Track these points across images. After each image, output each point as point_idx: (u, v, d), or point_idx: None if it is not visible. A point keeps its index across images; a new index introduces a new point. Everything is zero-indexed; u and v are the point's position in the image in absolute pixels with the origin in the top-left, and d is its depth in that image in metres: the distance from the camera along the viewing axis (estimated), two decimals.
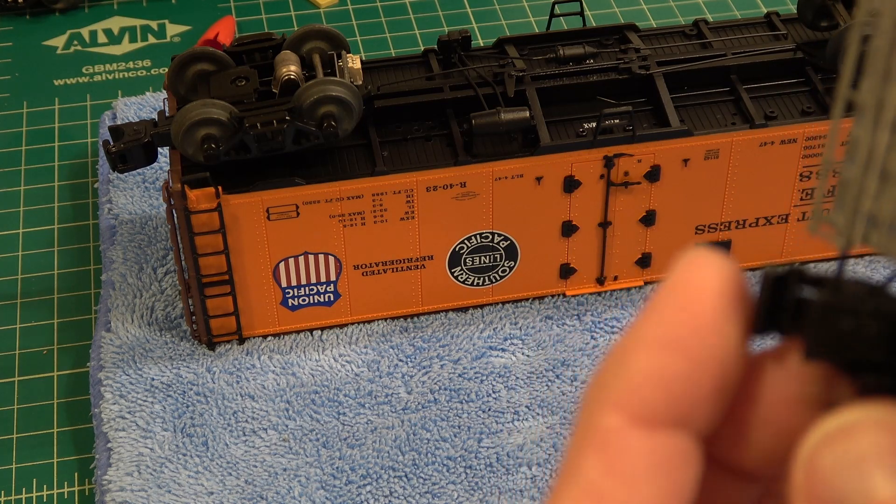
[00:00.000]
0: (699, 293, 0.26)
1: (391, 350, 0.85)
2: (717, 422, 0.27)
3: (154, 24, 1.17)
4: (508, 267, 0.86)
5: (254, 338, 0.85)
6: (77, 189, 1.00)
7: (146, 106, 1.04)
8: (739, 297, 0.26)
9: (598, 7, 1.18)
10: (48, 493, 0.79)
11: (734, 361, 0.26)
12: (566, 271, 0.87)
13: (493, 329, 0.86)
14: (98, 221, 0.95)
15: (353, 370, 0.84)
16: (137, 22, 1.18)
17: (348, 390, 0.82)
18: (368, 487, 0.77)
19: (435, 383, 0.83)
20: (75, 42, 1.16)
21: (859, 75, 0.27)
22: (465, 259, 0.85)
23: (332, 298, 0.85)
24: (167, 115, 0.81)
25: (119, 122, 0.95)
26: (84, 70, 1.12)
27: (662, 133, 0.81)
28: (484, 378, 0.83)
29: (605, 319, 0.87)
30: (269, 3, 1.20)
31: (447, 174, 0.80)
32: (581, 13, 0.91)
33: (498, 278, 0.86)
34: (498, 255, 0.85)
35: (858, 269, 0.89)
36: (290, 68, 0.79)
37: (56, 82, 1.11)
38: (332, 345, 0.85)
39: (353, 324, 0.86)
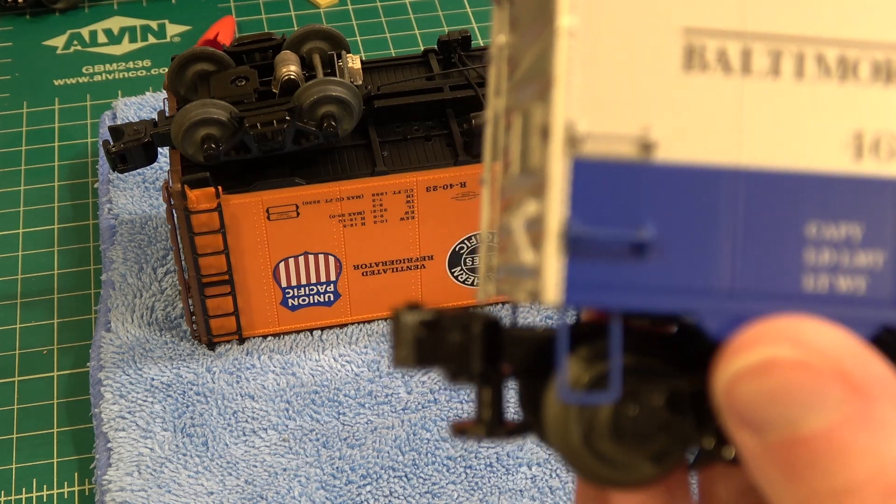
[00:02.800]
0: None
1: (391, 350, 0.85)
2: None
3: (154, 24, 1.17)
4: None
5: (254, 338, 0.85)
6: (77, 189, 1.00)
7: (146, 106, 1.04)
8: None
9: None
10: (48, 493, 0.79)
11: None
12: None
13: None
14: (98, 221, 0.95)
15: (353, 370, 0.84)
16: (137, 22, 1.18)
17: (348, 390, 0.82)
18: (368, 487, 0.77)
19: (435, 383, 0.83)
20: (75, 42, 1.16)
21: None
22: (465, 259, 0.85)
23: (332, 298, 0.85)
24: (167, 115, 0.81)
25: (119, 122, 0.95)
26: (84, 70, 1.12)
27: None
28: None
29: None
30: (269, 3, 1.20)
31: (447, 174, 0.80)
32: None
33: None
34: None
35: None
36: (290, 68, 0.79)
37: (56, 82, 1.11)
38: (332, 345, 0.85)
39: (353, 324, 0.86)
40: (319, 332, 0.86)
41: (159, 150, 0.82)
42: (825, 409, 0.27)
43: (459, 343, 0.31)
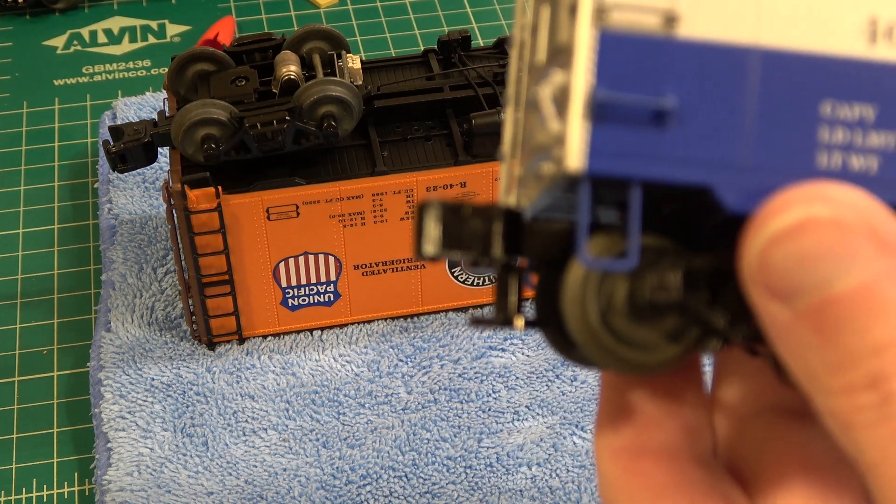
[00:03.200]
0: None
1: (391, 350, 0.85)
2: None
3: (154, 24, 1.17)
4: None
5: (254, 338, 0.85)
6: (77, 189, 1.00)
7: (146, 106, 1.04)
8: None
9: None
10: (48, 493, 0.79)
11: None
12: None
13: (494, 329, 0.86)
14: (98, 221, 0.96)
15: (353, 370, 0.84)
16: (137, 22, 1.18)
17: (348, 390, 0.82)
18: (368, 487, 0.77)
19: (435, 383, 0.83)
20: (75, 42, 1.16)
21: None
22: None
23: (332, 298, 0.85)
24: (167, 115, 0.81)
25: (119, 122, 0.95)
26: (84, 70, 1.12)
27: None
28: (484, 378, 0.83)
29: None
30: (269, 3, 1.20)
31: (447, 174, 0.80)
32: None
33: None
34: None
35: None
36: (290, 68, 0.79)
37: (56, 82, 1.11)
38: (332, 345, 0.85)
39: (353, 324, 0.86)
40: (319, 332, 0.86)
41: (159, 150, 0.82)
42: (859, 267, 0.28)
43: (482, 230, 0.32)
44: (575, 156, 0.29)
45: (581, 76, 0.29)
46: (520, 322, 0.34)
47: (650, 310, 0.31)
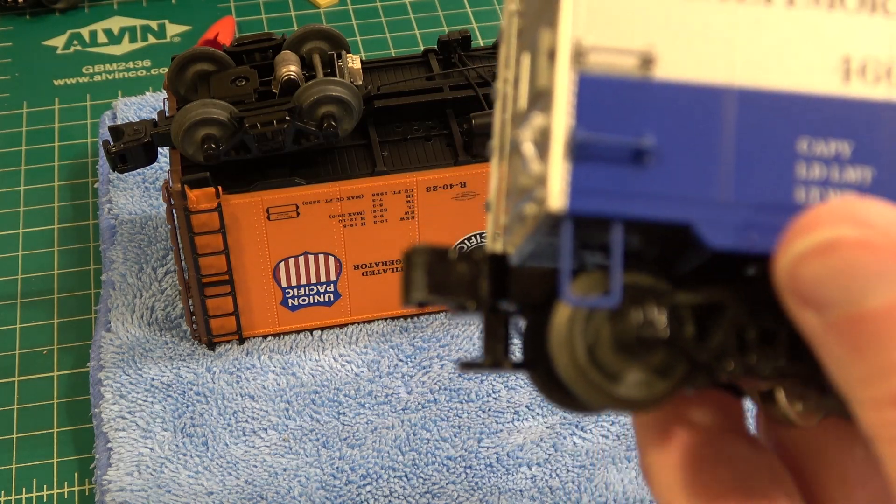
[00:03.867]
0: None
1: (391, 350, 0.85)
2: None
3: (154, 24, 1.17)
4: None
5: (254, 338, 0.85)
6: (77, 189, 1.00)
7: (146, 106, 1.04)
8: None
9: None
10: (48, 493, 0.79)
11: None
12: None
13: None
14: (98, 221, 0.95)
15: (353, 370, 0.84)
16: (137, 22, 1.18)
17: (348, 390, 0.82)
18: (368, 487, 0.77)
19: (435, 383, 0.83)
20: (75, 42, 1.16)
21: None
22: None
23: (332, 298, 0.85)
24: (167, 115, 0.81)
25: (119, 122, 0.95)
26: (84, 70, 1.12)
27: None
28: (484, 378, 0.83)
29: None
30: (269, 3, 1.20)
31: (447, 174, 0.80)
32: None
33: None
34: None
35: None
36: (290, 68, 0.79)
37: (56, 82, 1.11)
38: (332, 345, 0.85)
39: (353, 324, 0.86)
40: (319, 332, 0.86)
41: (159, 150, 0.82)
42: (887, 287, 0.28)
43: (468, 275, 0.33)
44: (556, 196, 0.30)
45: (561, 118, 0.30)
46: (508, 365, 0.34)
47: (637, 346, 0.31)
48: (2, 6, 1.18)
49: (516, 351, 0.34)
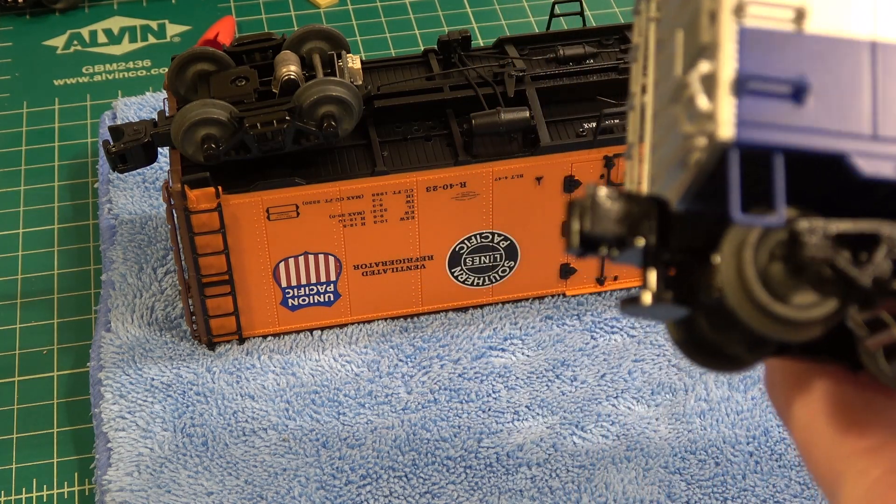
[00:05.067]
0: None
1: (391, 350, 0.85)
2: None
3: (154, 24, 1.17)
4: (508, 267, 0.86)
5: (254, 338, 0.85)
6: (77, 189, 1.00)
7: (146, 106, 1.04)
8: None
9: (598, 7, 1.18)
10: (48, 493, 0.79)
11: None
12: (566, 271, 0.87)
13: (493, 329, 0.86)
14: (98, 221, 0.96)
15: (353, 370, 0.84)
16: (137, 22, 1.18)
17: (348, 390, 0.82)
18: (368, 487, 0.77)
19: (435, 383, 0.83)
20: (75, 42, 1.16)
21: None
22: (465, 259, 0.85)
23: (332, 298, 0.85)
24: (167, 115, 0.81)
25: (119, 122, 0.95)
26: (84, 70, 1.12)
27: None
28: (484, 378, 0.83)
29: (605, 319, 0.87)
30: (269, 3, 1.20)
31: (447, 174, 0.80)
32: (581, 13, 0.91)
33: (498, 278, 0.86)
34: (498, 255, 0.85)
35: None
36: (290, 68, 0.79)
37: (56, 82, 1.11)
38: (332, 345, 0.85)
39: (353, 324, 0.86)
40: (319, 332, 0.86)
41: (159, 150, 0.82)
42: None
43: (637, 213, 0.36)
44: (726, 127, 0.33)
45: (727, 60, 0.34)
46: (667, 295, 0.37)
47: (807, 265, 0.34)
48: (2, 6, 1.18)
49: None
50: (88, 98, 1.09)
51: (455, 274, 0.85)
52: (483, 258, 0.85)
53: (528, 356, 0.85)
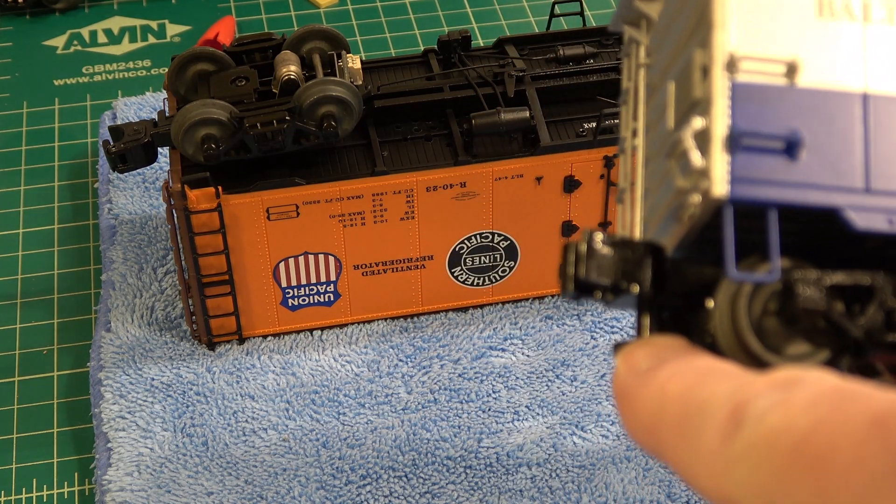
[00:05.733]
0: None
1: (391, 350, 0.85)
2: None
3: (154, 24, 1.17)
4: (508, 267, 0.86)
5: (254, 338, 0.85)
6: (77, 189, 1.00)
7: (146, 106, 1.04)
8: None
9: (598, 7, 1.18)
10: (48, 493, 0.79)
11: None
12: None
13: (493, 329, 0.86)
14: (98, 221, 0.96)
15: (353, 370, 0.84)
16: (137, 22, 1.18)
17: (348, 390, 0.82)
18: (368, 487, 0.77)
19: (435, 383, 0.83)
20: (75, 42, 1.16)
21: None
22: (465, 259, 0.85)
23: (332, 298, 0.85)
24: (167, 115, 0.81)
25: (119, 122, 0.95)
26: (84, 70, 1.12)
27: None
28: (484, 378, 0.83)
29: (605, 319, 0.87)
30: (269, 3, 1.20)
31: (447, 174, 0.80)
32: (581, 13, 0.91)
33: (498, 278, 0.86)
34: (498, 255, 0.85)
35: None
36: (290, 68, 0.79)
37: (56, 82, 1.11)
38: (332, 345, 0.85)
39: (353, 324, 0.86)
40: (319, 332, 0.86)
41: (159, 150, 0.82)
42: None
43: (631, 259, 0.37)
44: (719, 183, 0.33)
45: (720, 116, 0.34)
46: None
47: (800, 317, 0.34)
48: (2, 6, 1.18)
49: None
50: (88, 98, 1.09)
51: (455, 274, 0.85)
52: (483, 258, 0.85)
53: (528, 356, 0.84)
